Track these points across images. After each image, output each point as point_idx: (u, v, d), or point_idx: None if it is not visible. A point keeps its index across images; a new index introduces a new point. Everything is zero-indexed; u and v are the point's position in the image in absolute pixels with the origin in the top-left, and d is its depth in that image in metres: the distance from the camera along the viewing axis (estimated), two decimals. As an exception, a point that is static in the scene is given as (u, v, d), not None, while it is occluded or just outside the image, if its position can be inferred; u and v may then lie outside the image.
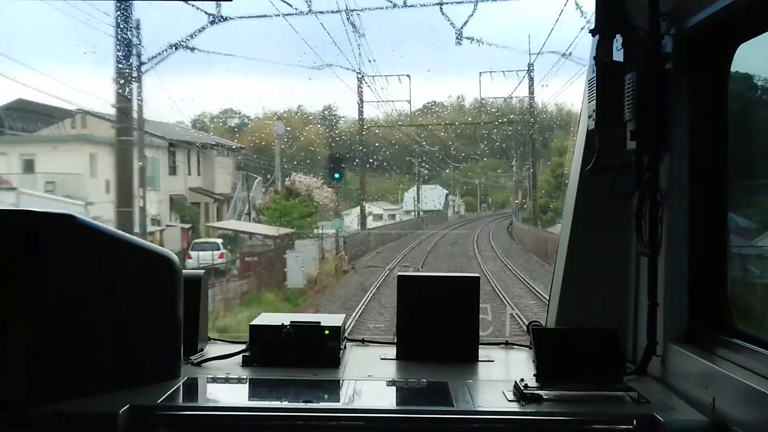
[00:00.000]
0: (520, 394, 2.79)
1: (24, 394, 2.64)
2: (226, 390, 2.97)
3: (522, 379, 2.85)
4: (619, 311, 3.36)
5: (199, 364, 3.29)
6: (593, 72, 3.15)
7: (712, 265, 2.95)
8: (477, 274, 3.65)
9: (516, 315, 15.49)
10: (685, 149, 2.99)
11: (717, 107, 2.94)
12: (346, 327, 3.67)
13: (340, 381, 3.11)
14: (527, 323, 3.60)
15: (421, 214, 50.44)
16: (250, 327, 3.36)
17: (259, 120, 45.43)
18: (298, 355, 3.29)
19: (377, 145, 40.06)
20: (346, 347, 3.61)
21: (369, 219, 45.20)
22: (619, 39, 3.11)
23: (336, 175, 32.68)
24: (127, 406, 2.63)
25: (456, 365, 3.32)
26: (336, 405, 2.88)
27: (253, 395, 3.02)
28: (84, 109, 30.81)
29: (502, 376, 3.26)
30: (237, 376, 3.04)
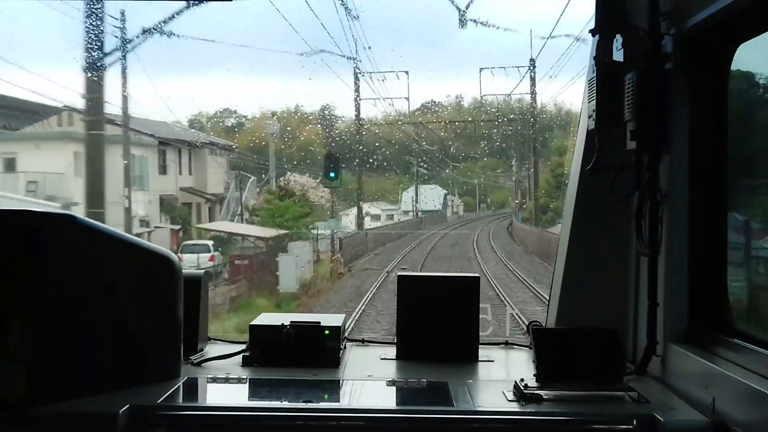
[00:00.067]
0: (520, 394, 2.79)
1: (24, 394, 2.64)
2: (226, 390, 2.97)
3: (522, 379, 2.85)
4: (619, 311, 3.36)
5: (199, 364, 3.29)
6: (593, 72, 3.15)
7: (712, 265, 2.95)
8: (477, 274, 3.65)
9: (516, 315, 15.48)
10: (685, 149, 2.99)
11: (717, 107, 2.94)
12: (346, 328, 3.67)
13: (340, 381, 3.11)
14: (527, 323, 3.60)
15: (419, 214, 50.04)
16: (250, 327, 3.36)
17: (257, 120, 45.21)
18: (298, 355, 3.29)
19: (377, 145, 39.98)
20: (346, 347, 3.61)
21: (367, 219, 44.71)
22: (619, 39, 3.11)
23: (331, 174, 31.61)
24: (127, 406, 2.63)
25: (456, 365, 3.32)
26: (336, 405, 2.88)
27: (253, 395, 3.02)
28: (71, 107, 29.72)
29: (502, 376, 3.26)
30: (237, 376, 3.04)
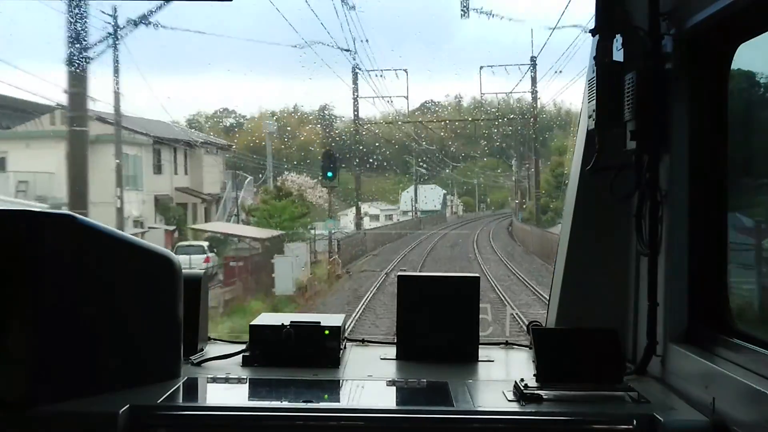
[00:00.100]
0: (520, 394, 2.79)
1: (24, 394, 2.64)
2: (226, 390, 2.97)
3: (522, 379, 2.85)
4: (619, 311, 3.36)
5: (199, 364, 3.29)
6: (593, 72, 3.15)
7: (712, 265, 2.95)
8: (477, 274, 3.65)
9: (516, 315, 15.46)
10: (685, 149, 2.99)
11: (717, 107, 2.94)
12: (345, 329, 3.67)
13: (340, 381, 3.11)
14: (527, 323, 3.60)
15: (418, 214, 49.63)
16: (250, 327, 3.36)
17: (256, 120, 44.68)
18: (298, 355, 3.29)
19: (377, 145, 39.83)
20: (346, 347, 3.61)
21: (366, 220, 44.28)
22: (619, 39, 3.11)
23: (329, 173, 30.80)
24: (127, 406, 2.63)
25: (456, 365, 3.32)
26: (336, 405, 2.87)
27: (253, 395, 3.02)
28: (64, 105, 28.53)
29: (502, 376, 3.26)
30: (237, 376, 3.04)
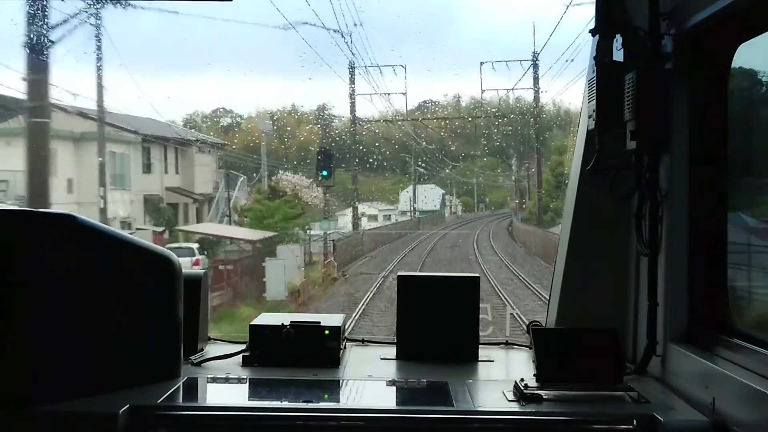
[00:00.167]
0: (520, 394, 2.79)
1: (24, 394, 2.64)
2: (226, 390, 2.97)
3: (522, 379, 2.85)
4: (619, 311, 3.36)
5: (199, 364, 3.29)
6: (593, 72, 3.15)
7: (712, 265, 2.95)
8: (477, 274, 3.65)
9: (516, 315, 15.46)
10: (685, 149, 2.99)
11: (717, 107, 2.94)
12: (345, 329, 3.67)
13: (340, 381, 3.11)
14: (527, 323, 3.60)
15: (417, 214, 49.21)
16: (250, 327, 3.36)
17: (253, 119, 44.27)
18: (298, 355, 3.29)
19: (377, 145, 39.68)
20: (346, 347, 3.61)
21: (363, 220, 43.76)
22: (619, 39, 3.11)
23: (324, 172, 29.65)
24: (127, 406, 2.63)
25: (456, 365, 3.32)
26: (336, 405, 2.87)
27: (253, 395, 3.02)
28: (52, 102, 28.01)
29: (502, 376, 3.26)
30: (237, 376, 3.04)
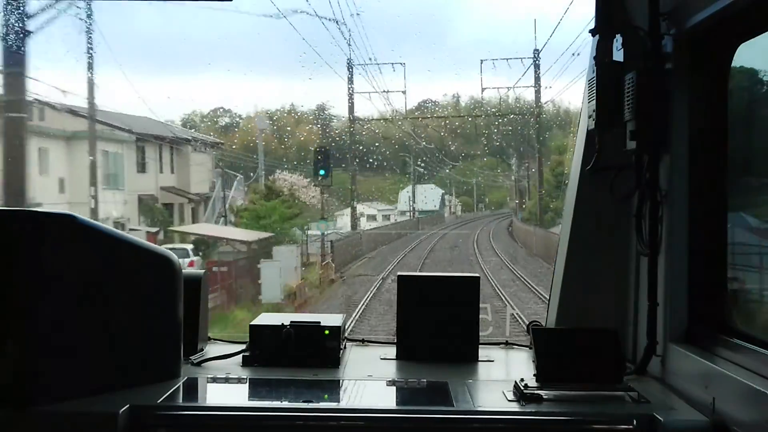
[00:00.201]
0: (520, 394, 2.79)
1: (24, 394, 2.64)
2: (226, 390, 2.97)
3: (522, 379, 2.85)
4: (619, 311, 3.36)
5: (199, 364, 3.29)
6: (593, 72, 3.15)
7: (712, 265, 2.96)
8: (477, 274, 3.65)
9: (516, 315, 15.45)
10: (685, 149, 2.99)
11: (717, 107, 2.94)
12: (345, 329, 3.67)
13: (340, 381, 3.11)
14: (527, 323, 3.60)
15: (416, 214, 48.96)
16: (250, 327, 3.36)
17: (252, 119, 43.98)
18: (298, 355, 3.29)
19: (377, 145, 39.58)
20: (346, 347, 3.61)
21: (362, 220, 43.27)
22: (619, 39, 3.11)
23: (321, 171, 28.54)
24: (127, 406, 2.63)
25: (456, 365, 3.32)
26: (336, 405, 2.87)
27: (253, 395, 3.02)
28: (42, 100, 27.23)
29: (502, 376, 3.26)
30: (237, 376, 3.04)
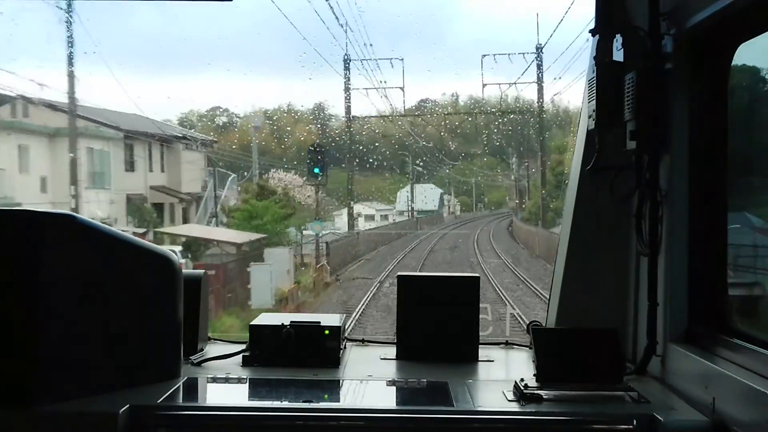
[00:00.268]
0: (520, 394, 2.79)
1: (25, 394, 2.64)
2: (226, 390, 2.97)
3: (522, 379, 2.85)
4: (619, 311, 3.36)
5: (199, 364, 3.29)
6: (593, 72, 3.15)
7: (712, 265, 2.96)
8: (477, 274, 3.66)
9: (517, 315, 15.45)
10: (685, 149, 2.99)
11: (717, 107, 2.94)
12: (345, 329, 3.67)
13: (340, 381, 3.11)
14: (527, 323, 3.60)
15: (415, 214, 48.66)
16: (250, 327, 3.36)
17: (249, 118, 43.97)
18: (298, 355, 3.29)
19: (377, 145, 39.51)
20: (346, 347, 3.61)
21: (360, 220, 42.85)
22: (619, 39, 3.11)
23: (316, 169, 27.70)
24: (127, 406, 2.63)
25: (456, 365, 3.32)
26: (336, 405, 2.87)
27: (253, 395, 3.02)
28: (26, 96, 27.03)
29: (502, 376, 3.26)
30: (237, 376, 3.04)
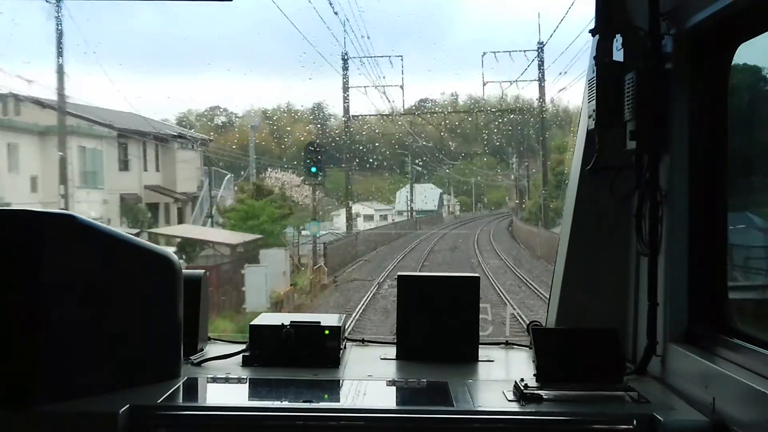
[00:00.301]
0: (520, 394, 2.79)
1: (24, 393, 2.64)
2: (226, 390, 2.97)
3: (522, 379, 2.85)
4: (619, 311, 3.37)
5: (199, 364, 3.29)
6: (593, 72, 3.15)
7: (712, 265, 2.96)
8: (477, 274, 3.65)
9: (517, 315, 15.45)
10: (685, 149, 2.99)
11: (717, 107, 2.94)
12: (345, 329, 3.67)
13: (340, 381, 3.11)
14: (528, 323, 3.60)
15: (414, 214, 48.39)
16: (250, 327, 3.37)
17: (246, 117, 43.60)
18: (298, 355, 3.29)
19: (377, 145, 39.42)
20: (346, 347, 3.61)
21: (359, 220, 42.55)
22: (619, 39, 3.11)
23: (313, 168, 27.07)
24: (127, 406, 2.63)
25: (456, 365, 3.32)
26: (336, 405, 2.88)
27: (253, 395, 3.02)
28: (17, 94, 26.44)
29: (502, 376, 3.26)
30: (237, 376, 3.04)
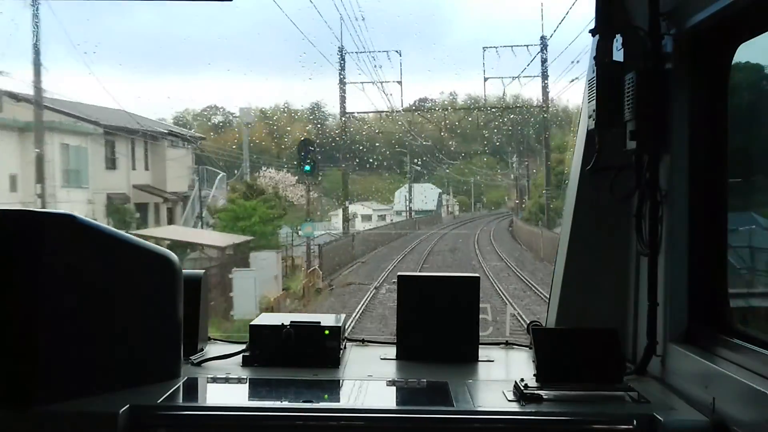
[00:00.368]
0: (520, 394, 2.79)
1: (24, 393, 2.64)
2: (226, 390, 2.97)
3: (522, 379, 2.85)
4: (619, 311, 3.37)
5: (199, 364, 3.29)
6: (593, 72, 3.15)
7: (712, 265, 2.96)
8: (477, 275, 3.65)
9: (517, 315, 15.46)
10: (685, 149, 2.99)
11: (717, 107, 2.94)
12: (345, 329, 3.67)
13: (340, 381, 3.11)
14: (528, 323, 3.60)
15: (413, 214, 48.29)
16: (250, 327, 3.37)
17: (241, 114, 43.18)
18: (298, 355, 3.29)
19: (377, 145, 39.41)
20: (346, 347, 3.61)
21: (357, 221, 42.35)
22: (619, 39, 3.11)
23: (306, 167, 26.41)
24: (127, 406, 2.63)
25: (456, 365, 3.32)
26: (336, 405, 2.88)
27: (253, 395, 3.02)
28: (6, 91, 25.58)
29: (502, 376, 3.26)
30: (237, 376, 3.04)
